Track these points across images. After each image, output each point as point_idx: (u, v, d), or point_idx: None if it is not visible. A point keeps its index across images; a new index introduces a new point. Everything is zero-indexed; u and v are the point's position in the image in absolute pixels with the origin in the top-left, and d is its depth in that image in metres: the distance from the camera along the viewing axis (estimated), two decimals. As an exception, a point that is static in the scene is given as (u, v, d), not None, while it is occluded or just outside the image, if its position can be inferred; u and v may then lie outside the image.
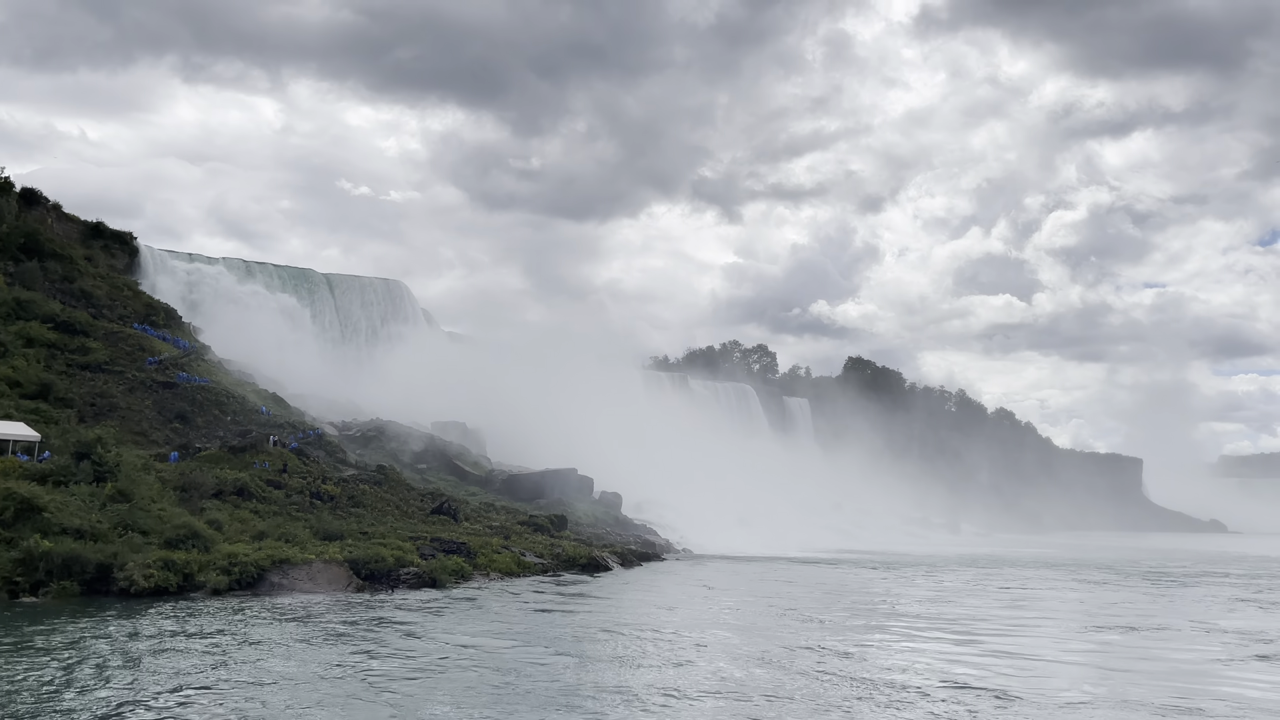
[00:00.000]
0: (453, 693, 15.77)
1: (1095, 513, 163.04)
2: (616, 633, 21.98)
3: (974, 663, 19.76)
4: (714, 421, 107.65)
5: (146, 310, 62.50)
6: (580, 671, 17.49)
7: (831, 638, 22.50)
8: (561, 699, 15.33)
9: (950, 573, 47.93)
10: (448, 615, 25.68)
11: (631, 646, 20.03)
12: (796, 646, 20.82)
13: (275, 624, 23.65)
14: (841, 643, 21.69)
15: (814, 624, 25.03)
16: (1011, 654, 21.20)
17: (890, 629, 24.66)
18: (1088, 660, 20.81)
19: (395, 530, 41.57)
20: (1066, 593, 37.28)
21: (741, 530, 70.63)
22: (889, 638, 23.05)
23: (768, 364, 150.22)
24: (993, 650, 21.74)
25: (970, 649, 21.74)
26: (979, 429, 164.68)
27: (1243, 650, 22.22)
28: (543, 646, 20.16)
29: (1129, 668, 20.21)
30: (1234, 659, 21.06)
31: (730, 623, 24.55)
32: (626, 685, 16.20)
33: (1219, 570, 55.15)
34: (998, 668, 19.35)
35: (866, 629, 24.53)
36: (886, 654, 20.40)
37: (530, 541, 45.13)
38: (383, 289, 79.54)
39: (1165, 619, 28.82)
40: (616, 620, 24.36)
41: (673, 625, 23.61)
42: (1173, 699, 16.87)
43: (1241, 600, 35.79)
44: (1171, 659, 21.19)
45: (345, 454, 53.13)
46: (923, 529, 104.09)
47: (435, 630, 22.82)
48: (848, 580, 40.72)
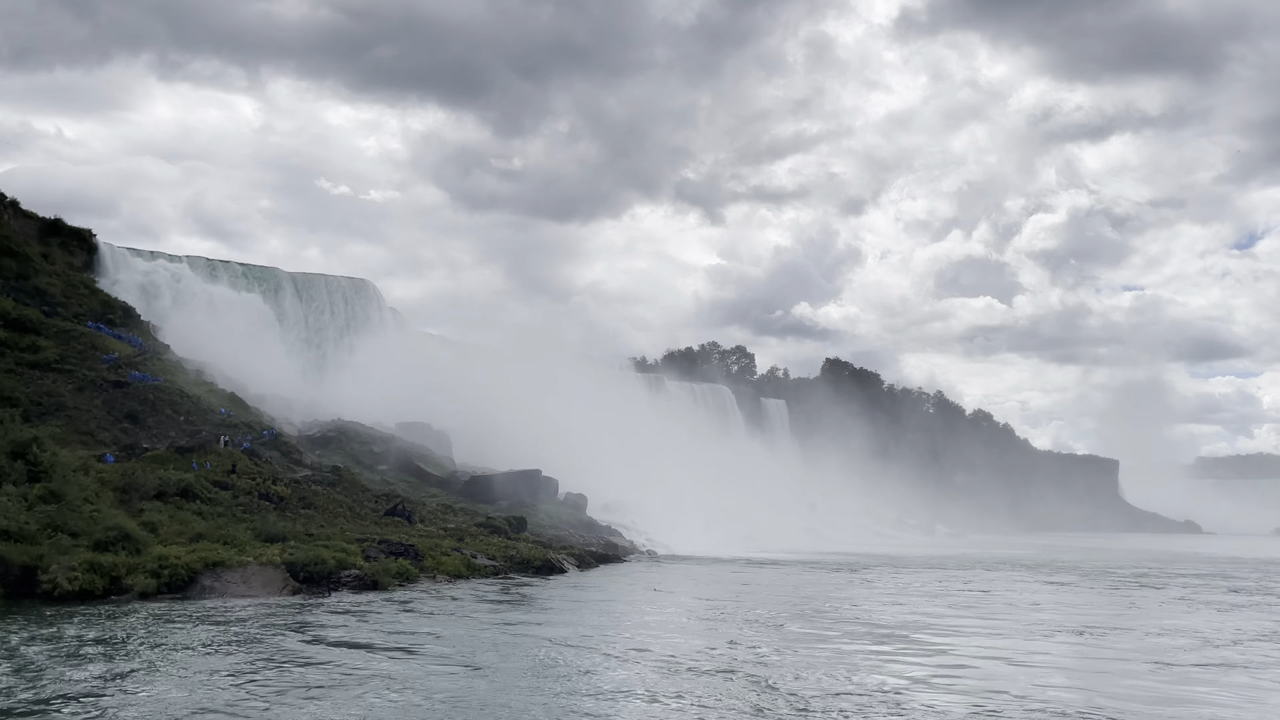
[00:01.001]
0: (327, 708, 14.65)
1: (1071, 514, 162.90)
2: (537, 639, 20.87)
3: (893, 667, 18.77)
4: (689, 423, 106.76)
5: (104, 308, 61.12)
6: (480, 682, 16.40)
7: (756, 640, 21.47)
8: (444, 714, 14.26)
9: (911, 574, 47.02)
10: (372, 620, 24.53)
11: (545, 654, 18.93)
12: (715, 650, 19.77)
13: (187, 629, 22.48)
14: (763, 646, 20.65)
15: (746, 625, 23.99)
16: (940, 655, 20.25)
17: (824, 631, 23.65)
18: (1017, 662, 19.84)
19: (344, 532, 40.40)
20: (1023, 595, 36.37)
21: (710, 532, 69.73)
22: (817, 640, 22.04)
23: (746, 365, 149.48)
24: (924, 651, 20.78)
25: (901, 650, 20.75)
26: (957, 430, 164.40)
27: (1185, 655, 21.32)
28: (455, 655, 19.05)
29: (1058, 668, 19.29)
30: (1172, 663, 20.13)
31: (658, 626, 23.48)
32: (517, 699, 15.12)
33: (1184, 571, 54.45)
34: (920, 672, 18.37)
35: (798, 632, 23.52)
36: (806, 657, 19.38)
37: (485, 544, 43.99)
38: (350, 288, 78.22)
39: (1117, 620, 27.91)
40: (545, 625, 23.27)
41: (599, 630, 22.53)
42: (1080, 702, 15.93)
43: (1200, 602, 34.98)
44: (1104, 661, 20.25)
45: (302, 455, 51.87)
46: (896, 530, 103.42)
47: (353, 635, 21.68)
48: (802, 582, 39.73)
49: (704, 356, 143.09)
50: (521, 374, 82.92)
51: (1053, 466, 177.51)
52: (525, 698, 15.25)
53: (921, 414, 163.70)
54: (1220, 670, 19.54)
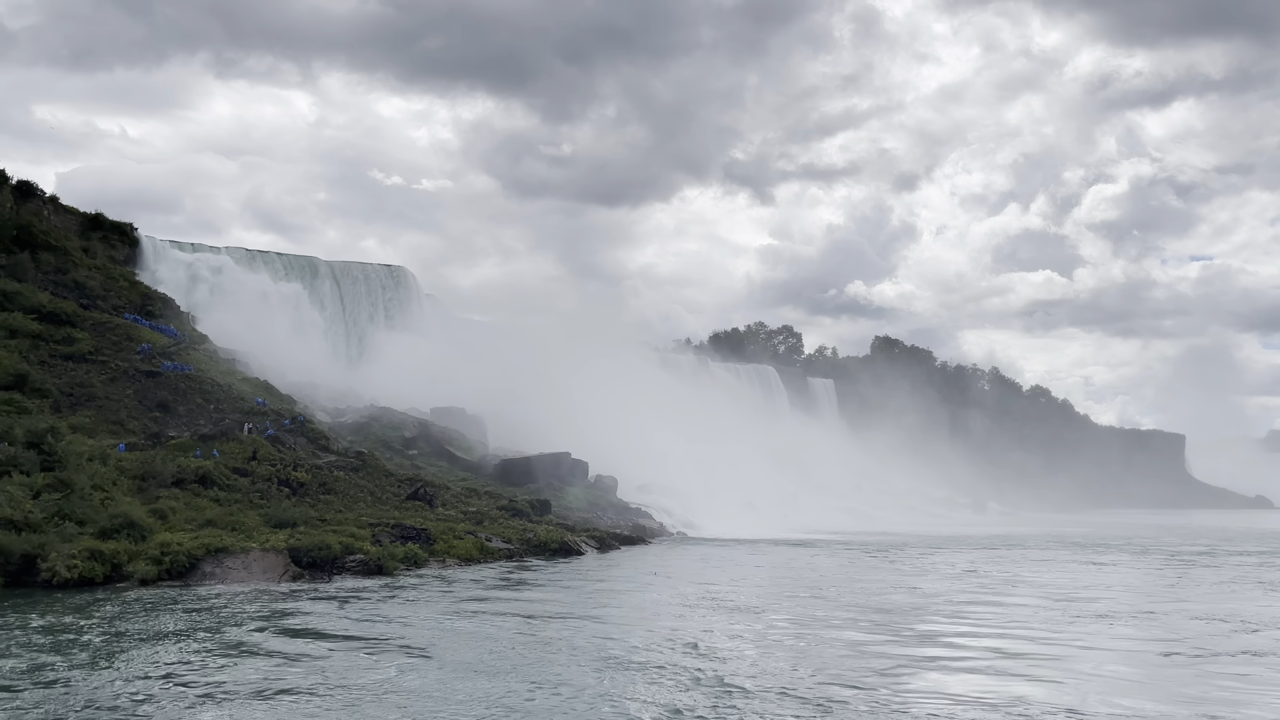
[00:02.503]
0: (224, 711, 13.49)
1: (1133, 490, 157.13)
2: (500, 627, 19.54)
3: (856, 659, 17.02)
4: (733, 403, 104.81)
5: (143, 300, 61.45)
6: (411, 676, 15.13)
7: (719, 629, 19.85)
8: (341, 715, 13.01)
9: (946, 554, 44.81)
10: (353, 607, 23.45)
11: (496, 647, 17.52)
12: (661, 642, 18.18)
13: (158, 616, 21.66)
14: (719, 635, 18.99)
15: (719, 612, 22.32)
16: (924, 639, 18.41)
17: (806, 614, 21.94)
18: (1010, 653, 17.92)
19: (360, 518, 39.70)
20: (1059, 575, 34.08)
21: (748, 513, 68.07)
22: (788, 625, 20.35)
23: (793, 345, 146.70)
24: (908, 638, 18.98)
25: (886, 640, 18.97)
26: (1013, 407, 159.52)
27: (1208, 641, 19.16)
28: (405, 644, 17.81)
29: (1045, 659, 17.35)
30: (1177, 654, 18.04)
31: (627, 613, 21.94)
32: (435, 696, 13.79)
33: (1242, 549, 51.24)
34: (886, 663, 16.61)
35: (773, 619, 21.84)
36: (761, 648, 17.72)
37: (504, 527, 42.96)
38: (387, 276, 77.88)
39: (1150, 604, 25.66)
40: (523, 613, 21.93)
41: (566, 616, 21.12)
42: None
43: (1252, 581, 32.35)
44: (1104, 650, 18.23)
45: (329, 441, 51.37)
46: (946, 509, 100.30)
47: (318, 624, 20.59)
48: (820, 563, 37.85)
49: (750, 337, 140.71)
50: (561, 358, 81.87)
51: (1114, 442, 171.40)
52: (444, 694, 13.95)
53: (976, 391, 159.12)
54: (1240, 661, 17.42)
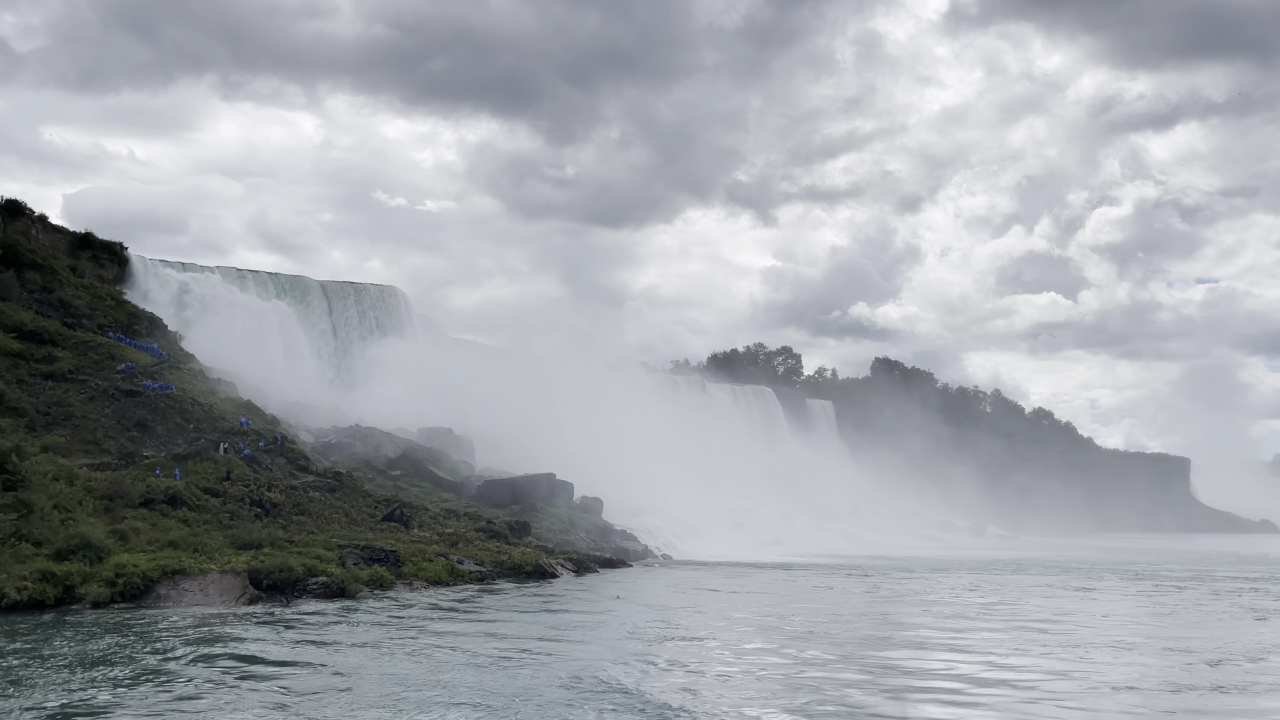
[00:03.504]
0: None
1: (1137, 514, 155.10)
2: (428, 659, 18.58)
3: (787, 692, 16.03)
4: (730, 425, 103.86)
5: (129, 319, 60.95)
6: (310, 709, 14.24)
7: (661, 656, 18.90)
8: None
9: (935, 578, 43.65)
10: (295, 631, 22.55)
11: (414, 679, 16.55)
12: (592, 675, 17.24)
13: (102, 640, 20.82)
14: (633, 667, 18.02)
15: (668, 641, 21.35)
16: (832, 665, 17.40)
17: (754, 643, 20.96)
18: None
19: (331, 539, 38.88)
20: (1041, 602, 32.96)
21: (738, 535, 67.03)
22: (727, 654, 19.38)
23: (793, 366, 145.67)
24: (854, 669, 17.97)
25: (820, 672, 17.95)
26: (1015, 429, 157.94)
27: (1176, 674, 18.11)
28: (334, 677, 16.91)
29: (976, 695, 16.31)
30: (1139, 688, 16.99)
31: (570, 643, 20.97)
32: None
33: (1241, 574, 49.93)
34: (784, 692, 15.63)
35: (721, 646, 20.87)
36: (690, 675, 16.75)
37: (478, 549, 42.04)
38: (378, 295, 77.35)
39: (1128, 634, 24.57)
40: (463, 643, 20.99)
41: (510, 647, 20.18)
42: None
43: (1243, 609, 31.20)
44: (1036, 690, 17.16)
45: (309, 461, 50.60)
46: (943, 532, 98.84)
47: (245, 649, 19.70)
48: (794, 588, 36.78)
49: (750, 358, 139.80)
50: (554, 379, 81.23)
51: (1118, 465, 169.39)
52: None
53: (978, 413, 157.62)
54: (1202, 698, 16.38)
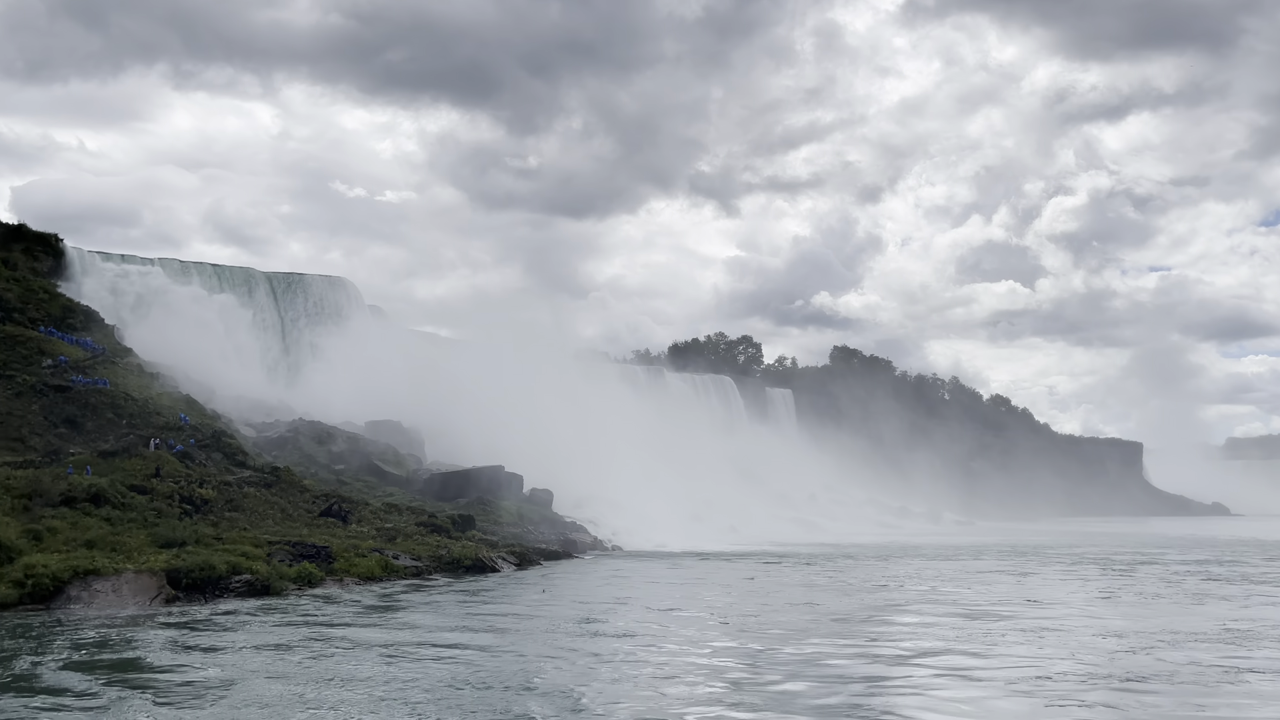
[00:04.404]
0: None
1: (1092, 498, 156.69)
2: (319, 663, 17.54)
3: (674, 683, 15.22)
4: (689, 414, 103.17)
5: (63, 313, 58.88)
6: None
7: (568, 651, 18.02)
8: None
9: (882, 565, 43.17)
10: (197, 634, 21.40)
11: (293, 685, 15.47)
12: (487, 673, 16.33)
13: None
14: (561, 659, 17.19)
15: (581, 636, 20.48)
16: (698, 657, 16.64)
17: (671, 634, 20.17)
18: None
19: (261, 535, 37.55)
20: (985, 587, 32.48)
21: (693, 524, 66.30)
22: (636, 649, 18.56)
23: (753, 355, 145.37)
24: (759, 663, 17.20)
25: (727, 660, 17.17)
26: (973, 417, 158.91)
27: (1100, 660, 17.50)
28: (208, 683, 15.83)
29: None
30: (1059, 676, 16.35)
31: (482, 637, 20.04)
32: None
33: (1188, 557, 50.05)
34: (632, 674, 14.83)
35: (637, 641, 20.06)
36: (582, 673, 15.87)
37: (417, 543, 40.88)
38: (326, 287, 75.63)
39: (1063, 618, 24.03)
40: (371, 640, 19.97)
41: (415, 646, 19.18)
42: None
43: (1184, 593, 30.91)
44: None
45: (246, 457, 49.10)
46: (900, 519, 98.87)
47: (138, 654, 18.55)
48: (737, 576, 36.06)
49: (710, 348, 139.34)
50: (511, 371, 80.00)
51: (1073, 450, 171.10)
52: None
53: (936, 401, 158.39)
54: (1113, 689, 15.75)
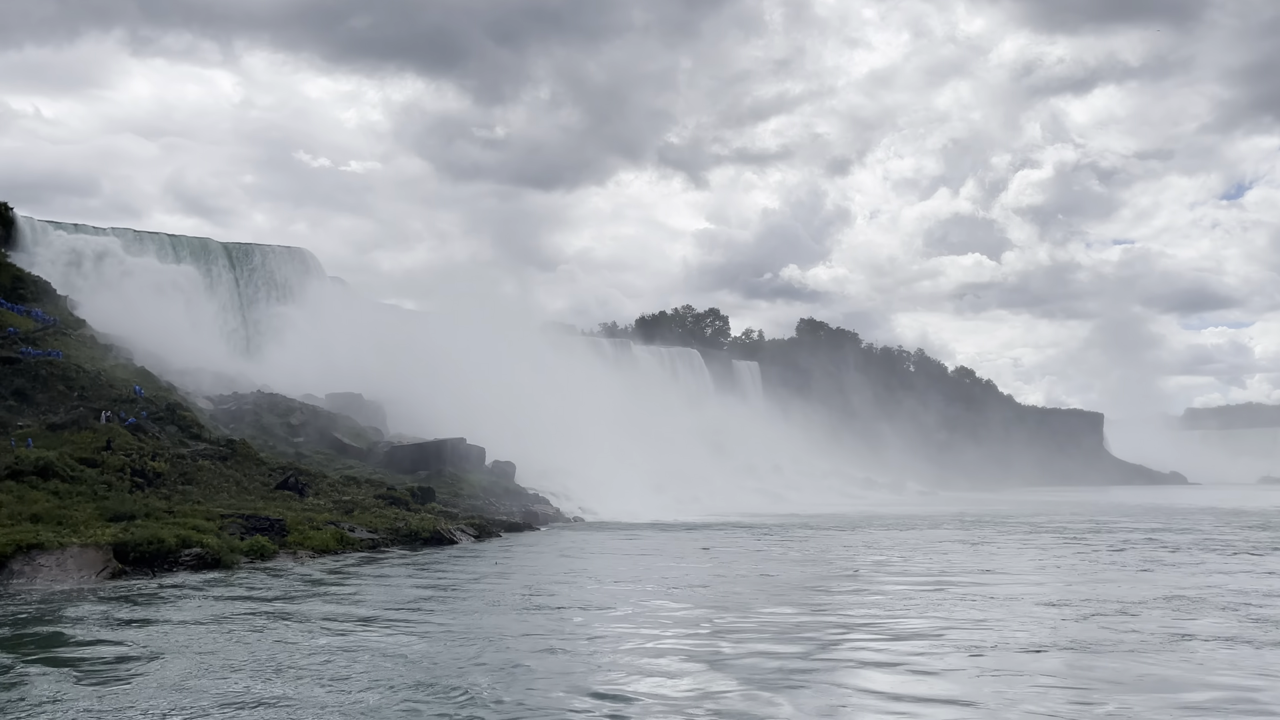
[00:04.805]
0: None
1: (1054, 468, 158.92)
2: (258, 641, 17.08)
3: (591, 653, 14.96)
4: (656, 387, 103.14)
5: (13, 283, 57.52)
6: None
7: (505, 631, 17.72)
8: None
9: (840, 535, 43.28)
10: (139, 608, 20.85)
11: (214, 661, 15.02)
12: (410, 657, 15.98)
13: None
14: (477, 639, 16.86)
15: (519, 610, 20.13)
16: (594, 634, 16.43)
17: (610, 608, 19.93)
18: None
19: (214, 508, 36.89)
20: (936, 557, 32.56)
21: (657, 496, 66.31)
22: (573, 623, 18.30)
23: (720, 328, 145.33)
24: (687, 633, 16.99)
25: (656, 629, 16.95)
26: (938, 388, 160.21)
27: (1037, 631, 17.44)
28: (130, 661, 15.32)
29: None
30: (983, 649, 16.28)
31: (421, 613, 19.66)
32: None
33: (1142, 525, 50.65)
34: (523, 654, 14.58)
35: (579, 614, 19.81)
36: (505, 652, 15.57)
37: (375, 516, 40.38)
38: (286, 258, 74.32)
39: (1008, 587, 24.07)
40: (310, 615, 19.55)
41: (346, 621, 18.79)
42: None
43: (1132, 562, 31.16)
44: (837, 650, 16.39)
45: (202, 429, 48.23)
46: (863, 489, 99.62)
47: (70, 630, 17.98)
48: (694, 548, 35.95)
49: (677, 320, 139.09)
50: (476, 343, 79.36)
51: (1036, 421, 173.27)
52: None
53: (902, 373, 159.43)
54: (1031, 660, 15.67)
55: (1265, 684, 13.20)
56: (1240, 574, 26.43)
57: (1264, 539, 39.60)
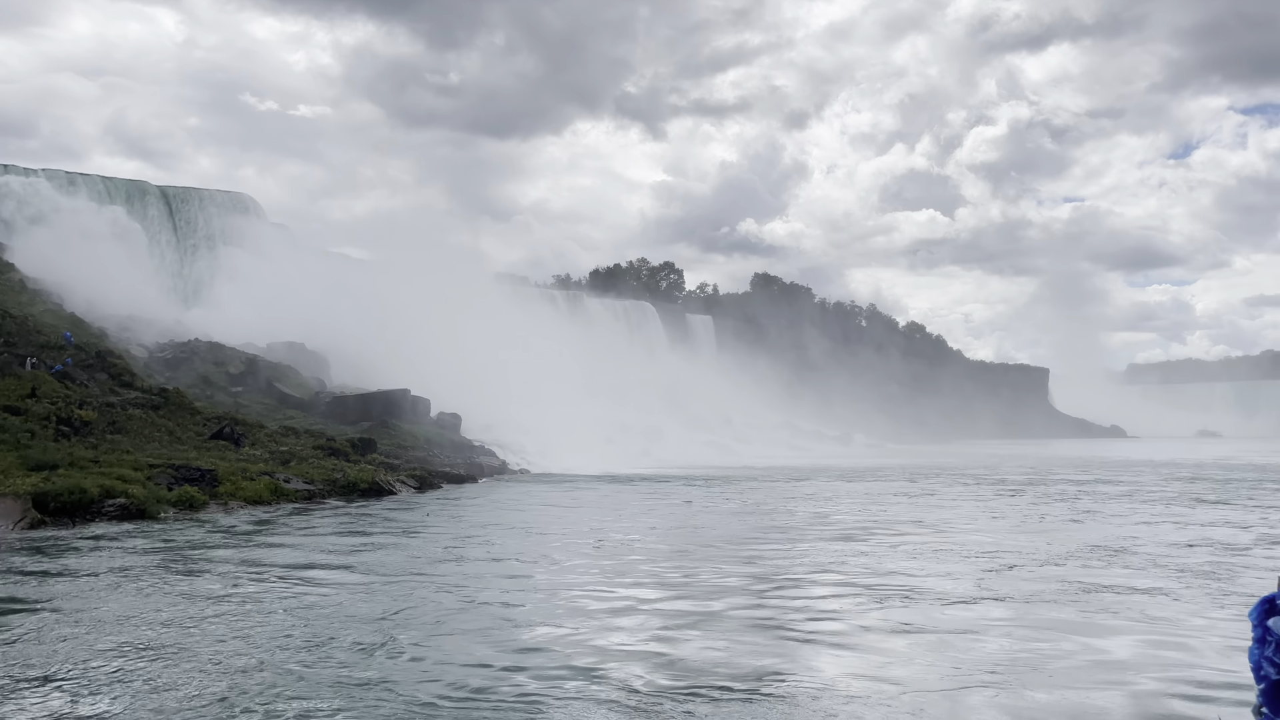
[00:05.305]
0: None
1: (1001, 422, 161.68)
2: (154, 595, 16.49)
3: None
4: (608, 340, 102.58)
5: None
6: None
7: (392, 580, 17.32)
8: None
9: (780, 486, 43.40)
10: (44, 559, 20.03)
11: (91, 625, 14.40)
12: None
13: None
14: (384, 592, 16.46)
15: (427, 562, 19.85)
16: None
17: (532, 563, 19.62)
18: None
19: (142, 458, 35.84)
20: (872, 508, 32.68)
21: (605, 448, 66.09)
22: (490, 578, 17.95)
23: (675, 281, 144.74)
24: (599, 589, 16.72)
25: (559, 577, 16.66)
26: (889, 343, 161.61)
27: (952, 584, 17.38)
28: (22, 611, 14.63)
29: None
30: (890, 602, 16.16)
31: (335, 571, 19.16)
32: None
33: (1078, 477, 51.48)
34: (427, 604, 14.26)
35: (469, 559, 19.47)
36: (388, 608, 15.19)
37: (313, 467, 39.57)
38: (226, 202, 72.06)
39: (928, 540, 24.12)
40: (210, 572, 18.92)
41: (254, 576, 18.25)
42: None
43: (1064, 514, 31.51)
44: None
45: (134, 378, 46.82)
46: (812, 442, 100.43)
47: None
48: (630, 498, 35.78)
49: (632, 273, 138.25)
50: (425, 294, 78.10)
51: (983, 376, 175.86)
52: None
53: (854, 327, 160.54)
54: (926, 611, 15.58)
55: (1173, 634, 13.17)
56: (1165, 525, 26.78)
57: (1192, 491, 40.39)
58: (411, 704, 9.52)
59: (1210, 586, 16.72)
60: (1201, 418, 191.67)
